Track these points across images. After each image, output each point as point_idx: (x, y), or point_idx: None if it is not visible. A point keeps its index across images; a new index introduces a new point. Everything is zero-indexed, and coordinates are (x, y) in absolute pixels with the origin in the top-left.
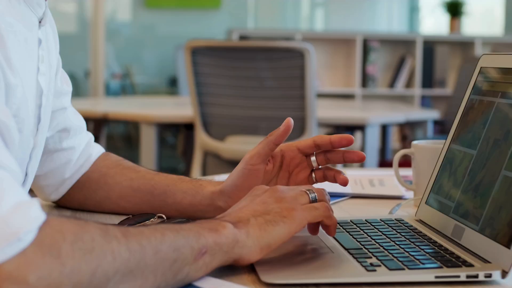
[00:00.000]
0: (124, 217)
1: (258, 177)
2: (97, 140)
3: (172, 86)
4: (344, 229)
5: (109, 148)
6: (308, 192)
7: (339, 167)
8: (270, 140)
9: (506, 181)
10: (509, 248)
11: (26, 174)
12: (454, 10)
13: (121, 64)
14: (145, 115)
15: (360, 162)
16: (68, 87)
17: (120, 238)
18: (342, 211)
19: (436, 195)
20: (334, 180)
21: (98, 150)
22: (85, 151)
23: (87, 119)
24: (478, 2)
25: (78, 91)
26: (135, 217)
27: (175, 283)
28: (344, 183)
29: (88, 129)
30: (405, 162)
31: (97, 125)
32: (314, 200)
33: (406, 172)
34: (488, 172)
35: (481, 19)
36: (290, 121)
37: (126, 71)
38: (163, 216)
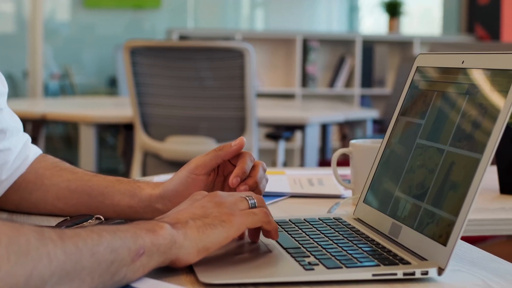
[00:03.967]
0: (62, 219)
1: (200, 186)
2: (36, 141)
3: (111, 86)
4: (282, 228)
5: (48, 149)
6: (247, 199)
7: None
8: (219, 155)
9: (440, 174)
10: (445, 245)
11: None
12: (393, 10)
13: (60, 64)
14: (84, 115)
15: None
16: (3, 87)
17: (56, 240)
18: (281, 211)
19: (373, 193)
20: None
21: (35, 151)
22: (21, 152)
23: (26, 120)
24: (416, 2)
25: (16, 92)
26: (73, 218)
27: (113, 284)
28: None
29: (26, 130)
30: (346, 161)
31: (36, 126)
32: (253, 206)
33: (346, 171)
34: (424, 170)
35: (420, 19)
36: (242, 140)
37: (65, 72)
38: (101, 217)
